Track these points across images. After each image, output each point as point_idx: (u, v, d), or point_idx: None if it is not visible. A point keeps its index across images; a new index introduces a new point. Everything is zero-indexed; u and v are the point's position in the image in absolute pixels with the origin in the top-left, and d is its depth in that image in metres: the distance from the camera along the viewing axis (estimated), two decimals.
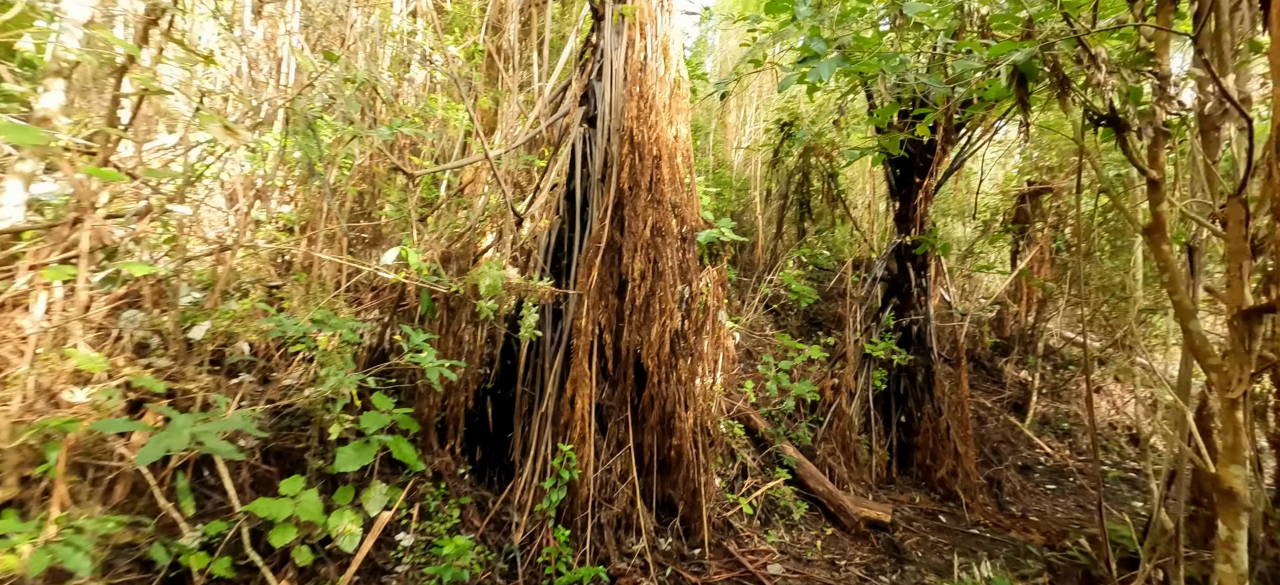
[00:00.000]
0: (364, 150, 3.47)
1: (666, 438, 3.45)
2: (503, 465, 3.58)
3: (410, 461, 2.37)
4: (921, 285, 6.09)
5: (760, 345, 7.30)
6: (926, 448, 5.69)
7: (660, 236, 3.47)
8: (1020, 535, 4.71)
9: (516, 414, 3.51)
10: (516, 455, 3.44)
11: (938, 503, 5.38)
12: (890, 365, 5.97)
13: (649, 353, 3.33)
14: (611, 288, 3.42)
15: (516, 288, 2.81)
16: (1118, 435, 8.13)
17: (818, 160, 7.59)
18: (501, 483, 3.54)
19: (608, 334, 3.37)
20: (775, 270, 7.64)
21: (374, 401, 2.44)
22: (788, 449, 4.99)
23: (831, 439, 5.61)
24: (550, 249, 3.70)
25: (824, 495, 4.61)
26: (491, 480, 3.53)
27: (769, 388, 5.27)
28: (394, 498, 2.40)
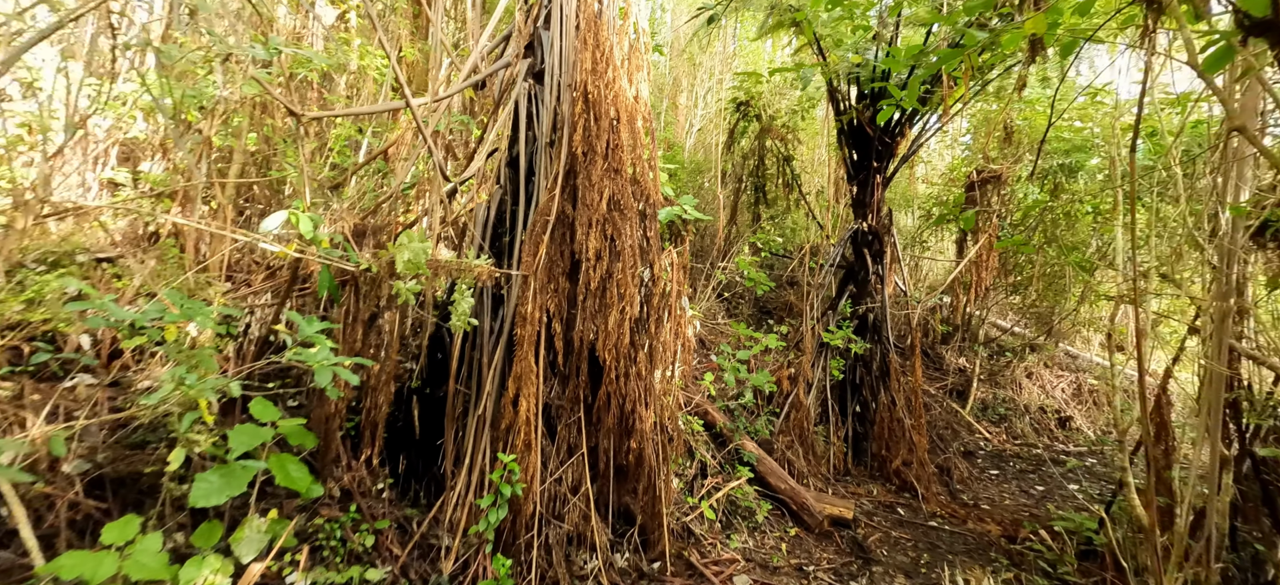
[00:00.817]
0: (253, 92, 2.79)
1: (625, 440, 3.03)
2: (432, 477, 3.04)
3: (298, 486, 1.82)
4: (878, 272, 5.97)
5: (714, 334, 7.03)
6: (882, 438, 5.59)
7: (618, 211, 3.03)
8: (976, 526, 4.66)
9: (449, 417, 2.98)
10: (448, 465, 2.91)
11: (894, 494, 5.29)
12: (847, 354, 5.82)
13: (606, 344, 2.89)
14: (562, 269, 2.94)
15: (446, 267, 2.29)
16: (1047, 418, 8.49)
17: (773, 143, 7.35)
18: (430, 498, 3.00)
19: (557, 323, 2.89)
20: (730, 256, 7.37)
21: (252, 411, 1.86)
22: (747, 444, 4.71)
23: (789, 431, 5.40)
24: (489, 224, 3.16)
25: (786, 493, 4.36)
26: (418, 495, 2.99)
27: (727, 379, 4.96)
28: (280, 532, 1.84)
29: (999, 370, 8.62)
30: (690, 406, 4.71)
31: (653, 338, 3.24)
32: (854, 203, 6.20)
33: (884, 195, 6.03)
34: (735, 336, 6.73)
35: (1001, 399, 8.31)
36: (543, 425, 2.91)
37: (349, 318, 2.29)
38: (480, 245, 3.13)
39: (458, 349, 3.01)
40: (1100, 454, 7.64)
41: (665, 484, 3.38)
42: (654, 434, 3.28)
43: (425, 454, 3.06)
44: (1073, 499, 5.74)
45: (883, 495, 5.22)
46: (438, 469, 2.98)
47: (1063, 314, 8.70)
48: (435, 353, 3.20)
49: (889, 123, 5.84)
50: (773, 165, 7.32)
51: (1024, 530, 4.46)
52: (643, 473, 3.08)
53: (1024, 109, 6.81)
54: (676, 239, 3.90)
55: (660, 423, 3.41)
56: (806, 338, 5.76)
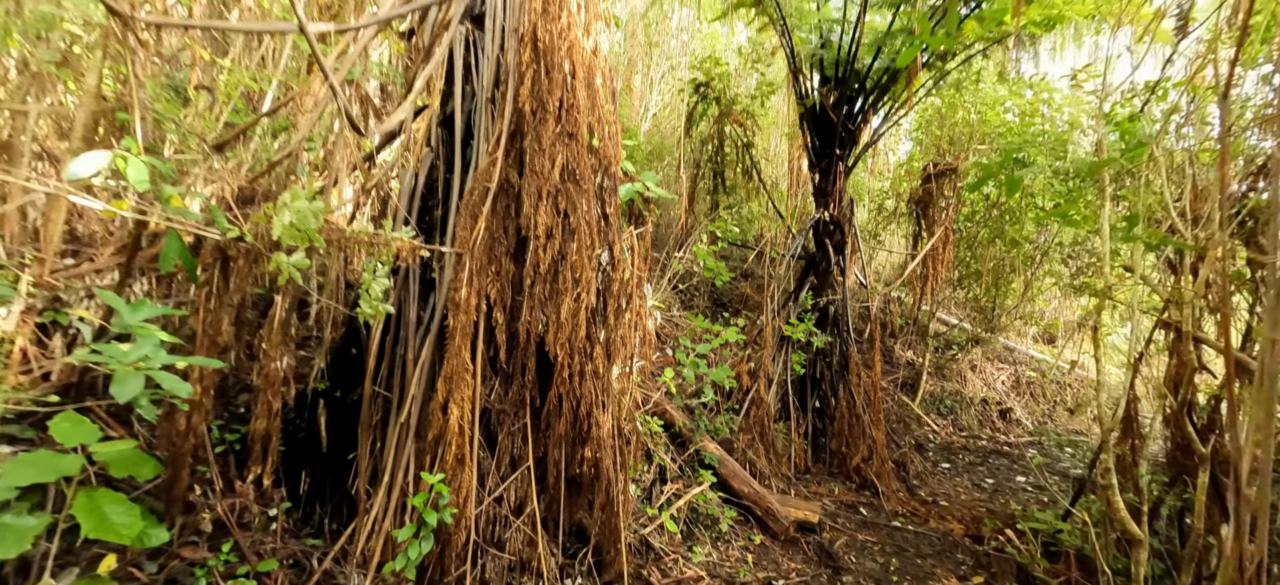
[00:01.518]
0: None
1: (579, 449, 2.61)
2: (343, 499, 2.50)
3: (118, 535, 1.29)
4: (839, 264, 5.80)
5: (670, 327, 6.68)
6: (842, 434, 5.42)
7: (573, 182, 2.58)
8: (939, 525, 4.54)
9: (364, 425, 2.45)
10: (362, 484, 2.39)
11: (855, 492, 5.12)
12: (809, 348, 5.62)
13: (557, 337, 2.44)
14: (505, 248, 2.47)
15: (352, 240, 1.78)
16: (990, 410, 8.71)
17: (732, 128, 7.07)
18: (341, 523, 2.47)
19: (499, 312, 2.42)
20: (687, 245, 7.04)
21: (53, 431, 1.30)
22: (708, 445, 4.38)
23: (750, 429, 5.13)
24: (416, 194, 2.64)
25: (751, 498, 4.06)
26: (322, 522, 2.45)
27: (686, 375, 4.61)
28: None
29: (945, 364, 8.76)
30: (648, 406, 4.34)
31: (611, 330, 2.82)
32: (815, 191, 5.99)
33: (846, 184, 5.86)
34: (693, 330, 6.42)
35: (949, 392, 8.44)
36: (481, 434, 2.44)
37: (210, 301, 1.73)
38: (406, 218, 2.60)
39: (376, 343, 2.48)
40: (1040, 445, 7.88)
41: (623, 496, 2.98)
42: (612, 440, 2.87)
43: (334, 470, 2.52)
44: (1022, 491, 5.80)
45: (844, 494, 5.04)
46: (349, 488, 2.45)
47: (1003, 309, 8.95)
48: (349, 348, 2.65)
49: (852, 108, 5.66)
50: (732, 151, 7.04)
51: (986, 529, 4.38)
52: (599, 485, 2.67)
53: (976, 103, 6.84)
54: (637, 220, 3.49)
55: (618, 426, 3.01)
56: (767, 331, 5.51)
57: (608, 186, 2.82)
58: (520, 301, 2.47)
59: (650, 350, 3.64)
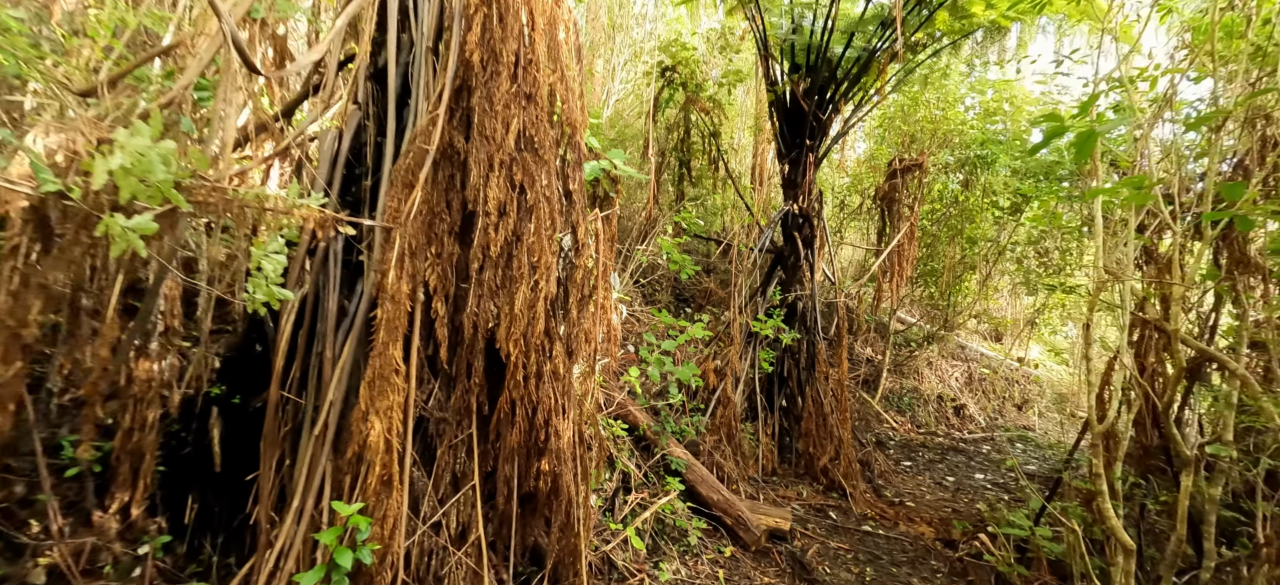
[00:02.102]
0: None
1: (534, 461, 2.24)
2: (242, 528, 2.04)
3: None
4: (808, 259, 5.62)
5: (631, 322, 6.36)
6: (810, 434, 5.24)
7: (532, 151, 2.20)
8: (908, 528, 4.42)
9: (268, 438, 2.00)
10: (264, 512, 1.94)
11: (823, 494, 4.96)
12: (777, 345, 5.41)
13: (511, 331, 2.07)
14: (448, 226, 2.07)
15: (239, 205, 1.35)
16: (945, 407, 8.83)
17: (699, 117, 6.79)
18: (237, 558, 2.01)
19: (440, 302, 2.02)
20: (650, 237, 6.73)
21: None
22: (675, 450, 4.08)
23: (717, 430, 4.87)
24: (339, 158, 2.19)
25: (720, 506, 3.79)
26: (212, 559, 1.99)
27: (651, 374, 4.30)
28: None
29: (903, 361, 8.83)
30: (611, 408, 4.00)
31: (574, 324, 2.47)
32: (785, 183, 5.79)
33: (815, 176, 5.68)
34: (657, 325, 6.11)
35: (907, 389, 8.50)
36: (416, 448, 2.03)
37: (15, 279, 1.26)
38: (326, 188, 2.16)
39: (285, 339, 2.04)
40: (992, 440, 8.03)
41: (584, 511, 2.64)
42: (573, 450, 2.52)
43: (229, 494, 2.06)
44: (984, 490, 5.80)
45: (812, 497, 4.86)
46: (249, 516, 1.99)
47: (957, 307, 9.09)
48: (252, 344, 2.18)
49: (823, 97, 5.48)
50: (698, 140, 6.76)
51: (956, 531, 4.27)
52: (558, 503, 2.31)
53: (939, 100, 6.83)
54: (602, 201, 3.14)
55: (579, 432, 2.66)
56: (734, 327, 5.27)
57: (572, 159, 2.46)
58: (466, 290, 2.07)
59: (615, 347, 3.30)
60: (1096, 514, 2.66)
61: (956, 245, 7.35)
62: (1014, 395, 9.80)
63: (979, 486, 5.90)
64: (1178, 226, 2.72)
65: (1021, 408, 9.63)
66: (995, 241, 7.72)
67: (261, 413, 2.02)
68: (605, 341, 3.20)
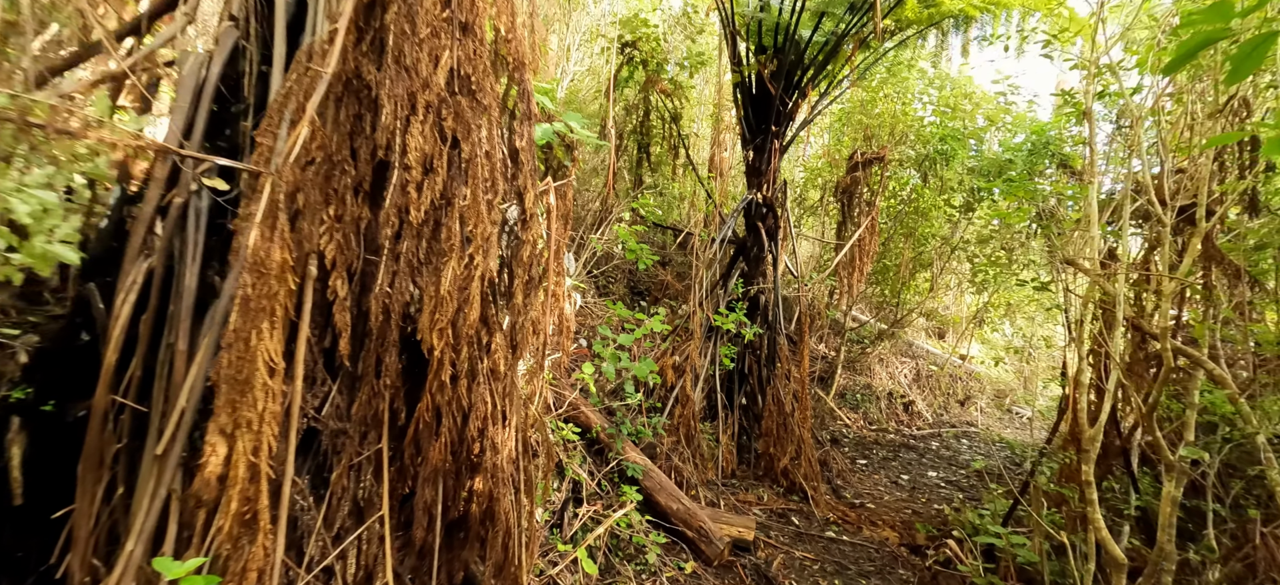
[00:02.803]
0: None
1: (465, 479, 1.80)
2: (55, 582, 1.50)
3: None
4: (771, 250, 5.38)
5: (583, 314, 5.94)
6: (771, 434, 5.00)
7: (469, 94, 1.76)
8: (872, 533, 4.24)
9: (90, 461, 1.47)
10: (81, 559, 1.42)
11: (784, 497, 4.72)
12: (739, 340, 5.14)
13: (436, 320, 1.62)
14: (352, 180, 1.59)
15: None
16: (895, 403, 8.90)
17: (659, 99, 6.43)
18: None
19: (340, 279, 1.55)
20: (606, 224, 6.31)
21: None
22: (631, 454, 3.71)
23: (676, 431, 4.54)
24: (205, 89, 1.67)
25: (681, 516, 3.45)
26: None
27: (606, 371, 3.90)
28: None
29: (855, 357, 8.83)
30: (562, 409, 3.57)
31: (519, 312, 2.04)
32: (749, 170, 5.52)
33: (780, 163, 5.44)
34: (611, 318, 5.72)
35: (859, 385, 8.49)
36: (302, 471, 1.56)
37: None
38: (186, 128, 1.63)
39: (121, 327, 1.51)
40: (939, 436, 8.13)
41: (528, 535, 2.22)
42: (514, 463, 2.09)
43: (38, 534, 1.51)
44: (938, 488, 5.76)
45: (773, 500, 4.62)
46: (57, 567, 1.46)
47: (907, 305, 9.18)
48: (76, 333, 1.63)
49: (791, 81, 5.23)
50: (658, 124, 6.40)
51: (920, 536, 4.13)
52: (494, 528, 1.87)
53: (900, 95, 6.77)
54: (557, 171, 2.71)
55: (523, 440, 2.24)
56: (695, 321, 4.95)
57: (521, 112, 2.02)
58: (374, 265, 1.61)
59: (568, 341, 2.88)
60: (1074, 522, 2.48)
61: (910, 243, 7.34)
62: (957, 392, 10.04)
63: (933, 484, 5.86)
64: (1168, 218, 2.58)
65: (964, 404, 9.87)
66: (947, 240, 7.78)
67: (83, 425, 1.48)
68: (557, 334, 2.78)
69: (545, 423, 3.13)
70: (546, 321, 2.50)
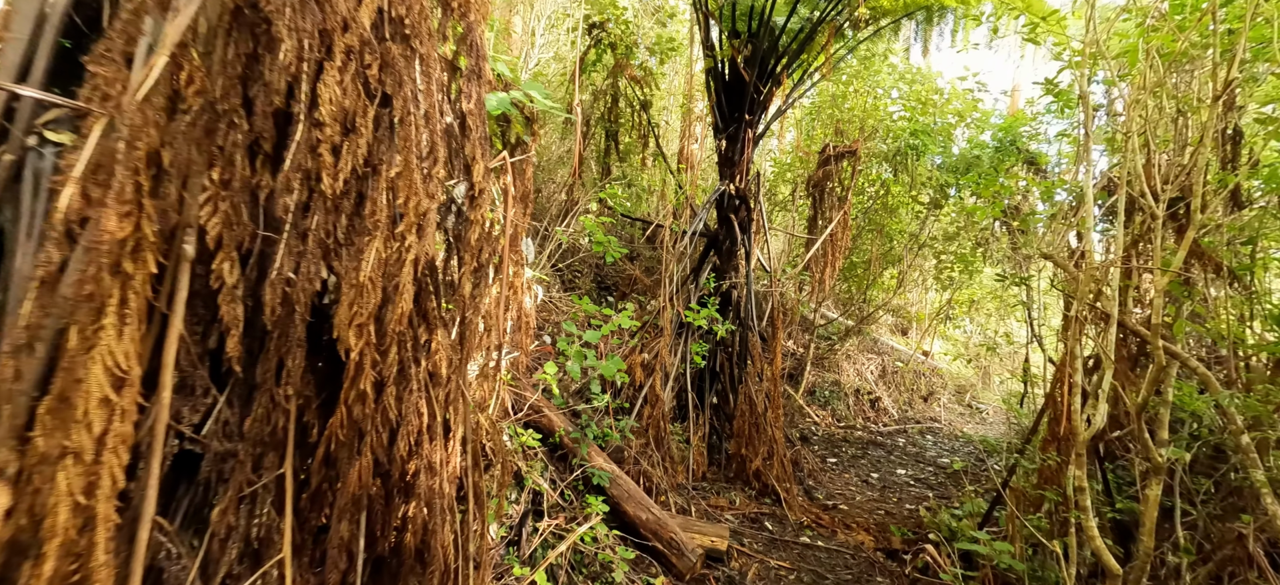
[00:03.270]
0: None
1: (398, 506, 1.49)
2: None
3: None
4: (744, 244, 5.18)
5: (547, 309, 5.62)
6: (743, 435, 4.81)
7: (402, 39, 1.45)
8: (847, 537, 4.09)
9: None
10: None
11: (756, 500, 4.54)
12: (711, 337, 4.92)
13: (355, 313, 1.30)
14: (241, 136, 1.26)
15: None
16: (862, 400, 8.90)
17: (629, 85, 6.15)
18: None
19: (227, 261, 1.22)
20: (572, 215, 6.00)
21: None
22: (597, 459, 3.44)
23: (644, 433, 4.29)
24: (50, 18, 1.30)
25: (650, 526, 3.20)
26: None
27: (571, 370, 3.61)
28: None
29: (824, 354, 8.78)
30: (521, 413, 3.27)
31: (466, 305, 1.74)
32: (721, 160, 5.31)
33: (753, 154, 5.25)
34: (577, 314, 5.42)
35: (827, 382, 8.45)
36: (173, 509, 1.22)
37: None
38: (26, 61, 1.26)
39: None
40: (905, 432, 8.15)
41: (478, 559, 1.92)
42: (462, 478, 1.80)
43: None
44: (907, 486, 5.70)
45: (745, 504, 4.43)
46: None
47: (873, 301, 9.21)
48: None
49: (764, 68, 5.04)
50: (627, 112, 6.12)
51: (895, 539, 4.00)
52: (429, 565, 1.57)
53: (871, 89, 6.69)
54: (516, 147, 2.41)
55: (474, 452, 1.94)
56: (665, 317, 4.70)
57: (471, 69, 1.72)
58: (272, 238, 1.28)
59: (528, 338, 2.59)
60: (1057, 527, 2.35)
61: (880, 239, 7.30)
62: (921, 387, 10.16)
63: (903, 483, 5.80)
64: (1161, 210, 2.47)
65: (927, 399, 9.99)
66: (916, 236, 7.79)
67: None
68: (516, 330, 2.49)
69: (501, 430, 2.83)
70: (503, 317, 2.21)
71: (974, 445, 7.57)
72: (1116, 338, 3.01)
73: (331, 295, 1.37)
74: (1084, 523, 2.29)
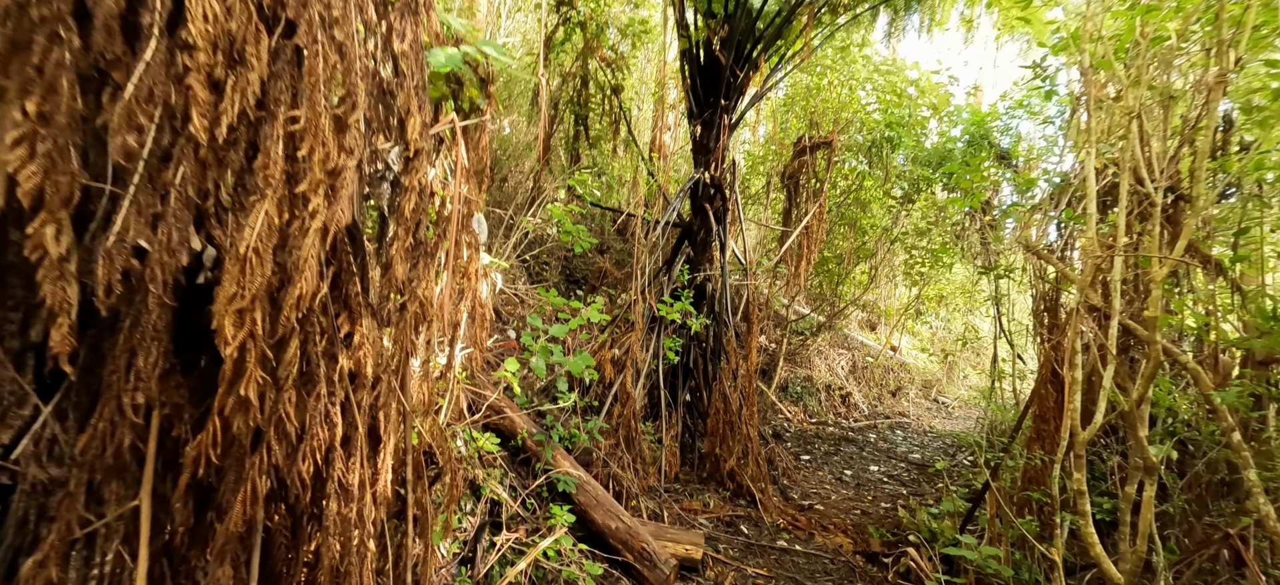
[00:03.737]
0: None
1: (301, 543, 1.19)
2: None
3: None
4: (719, 235, 4.97)
5: (513, 303, 5.30)
6: (717, 434, 4.60)
7: None
8: (825, 540, 3.93)
9: None
10: None
11: (731, 502, 4.34)
12: (685, 331, 4.69)
13: (238, 293, 1.00)
14: (69, 55, 0.94)
15: None
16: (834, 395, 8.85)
17: (599, 69, 5.85)
18: None
19: (50, 223, 0.89)
20: (539, 204, 5.68)
21: None
22: (562, 463, 3.16)
23: (614, 433, 4.03)
24: None
25: (620, 536, 2.94)
26: None
27: (536, 367, 3.32)
28: None
29: (795, 349, 8.69)
30: (480, 413, 2.96)
31: (399, 284, 1.44)
32: (696, 147, 5.07)
33: (729, 141, 5.03)
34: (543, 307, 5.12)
35: (799, 377, 8.36)
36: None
37: None
38: None
39: None
40: (876, 428, 8.13)
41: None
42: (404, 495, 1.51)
43: None
44: (881, 484, 5.61)
45: (719, 506, 4.22)
46: None
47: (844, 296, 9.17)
48: None
49: (741, 52, 4.82)
50: (597, 96, 5.82)
51: (874, 541, 3.86)
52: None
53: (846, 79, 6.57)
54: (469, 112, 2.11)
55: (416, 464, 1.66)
56: (636, 311, 4.45)
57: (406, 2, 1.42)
58: (119, 198, 0.96)
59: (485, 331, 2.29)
60: (1086, 543, 2.19)
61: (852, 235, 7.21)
62: (889, 382, 10.20)
63: (877, 480, 5.71)
64: (1160, 197, 2.34)
65: (896, 394, 10.04)
66: (888, 231, 7.74)
67: None
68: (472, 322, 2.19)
69: (454, 434, 2.52)
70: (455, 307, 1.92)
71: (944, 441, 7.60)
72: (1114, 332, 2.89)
73: (204, 269, 1.05)
74: (1084, 531, 2.14)
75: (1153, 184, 2.40)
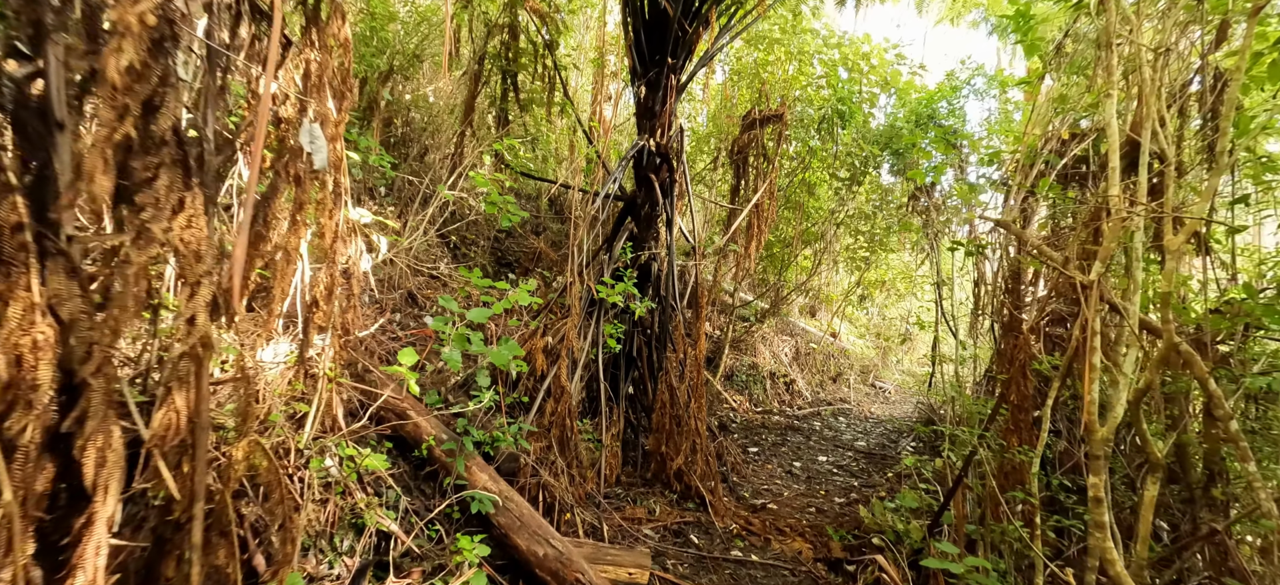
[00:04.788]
0: None
1: None
2: None
3: None
4: (666, 209, 4.47)
5: (431, 287, 4.58)
6: (663, 430, 4.14)
7: None
8: (781, 545, 3.56)
9: None
10: None
11: (678, 506, 3.89)
12: (629, 316, 4.18)
13: None
14: None
15: None
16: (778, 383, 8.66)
17: (531, 19, 5.17)
18: None
19: None
20: (461, 173, 4.95)
21: None
22: (478, 477, 2.57)
23: (545, 434, 3.46)
24: None
25: (549, 566, 2.40)
26: None
27: (449, 359, 2.68)
28: None
29: (740, 336, 8.42)
30: (361, 420, 2.31)
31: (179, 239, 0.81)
32: (640, 111, 4.54)
33: (676, 105, 4.53)
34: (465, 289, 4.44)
35: (744, 365, 8.09)
36: None
37: None
38: None
39: None
40: (820, 415, 8.00)
41: None
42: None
43: None
44: (831, 476, 5.37)
45: (666, 512, 3.76)
46: None
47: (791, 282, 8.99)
48: None
49: (690, 4, 4.32)
50: (529, 52, 5.15)
51: (835, 545, 3.53)
52: None
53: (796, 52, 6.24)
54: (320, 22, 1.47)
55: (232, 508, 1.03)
56: (572, 293, 3.88)
57: None
58: None
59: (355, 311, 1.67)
60: (1096, 549, 1.87)
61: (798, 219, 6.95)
62: (830, 369, 10.19)
63: (827, 472, 5.47)
64: (1174, 155, 2.05)
65: (836, 380, 10.03)
66: (833, 215, 7.56)
67: None
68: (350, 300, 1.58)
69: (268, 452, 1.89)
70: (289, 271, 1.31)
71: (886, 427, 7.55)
72: (1170, 332, 2.63)
73: None
74: (1102, 547, 1.82)
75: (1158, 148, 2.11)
